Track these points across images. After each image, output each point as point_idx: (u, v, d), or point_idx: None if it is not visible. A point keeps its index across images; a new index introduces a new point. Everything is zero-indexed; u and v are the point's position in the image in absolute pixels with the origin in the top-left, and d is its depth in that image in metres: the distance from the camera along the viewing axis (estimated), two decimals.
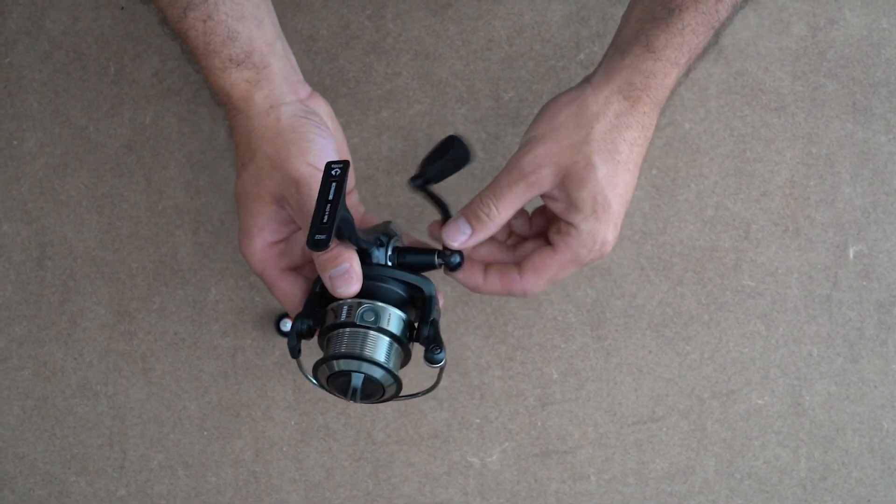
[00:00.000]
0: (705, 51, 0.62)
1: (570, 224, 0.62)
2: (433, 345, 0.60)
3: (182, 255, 0.86)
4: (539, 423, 0.86)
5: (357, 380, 0.59)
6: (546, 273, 0.64)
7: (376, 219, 0.67)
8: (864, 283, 0.86)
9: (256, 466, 0.86)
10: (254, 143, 0.63)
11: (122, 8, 0.85)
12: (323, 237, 0.55)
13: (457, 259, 0.64)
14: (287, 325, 0.84)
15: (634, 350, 0.86)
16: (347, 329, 0.60)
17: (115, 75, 0.85)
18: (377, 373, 0.60)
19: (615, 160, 0.61)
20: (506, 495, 0.86)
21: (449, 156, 0.67)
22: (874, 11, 0.86)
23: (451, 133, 0.67)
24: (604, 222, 0.61)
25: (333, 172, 0.58)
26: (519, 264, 0.65)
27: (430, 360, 0.60)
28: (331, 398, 0.86)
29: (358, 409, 0.86)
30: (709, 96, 0.85)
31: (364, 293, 0.60)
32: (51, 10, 0.85)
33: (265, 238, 0.63)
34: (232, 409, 0.86)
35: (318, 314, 0.62)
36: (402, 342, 0.61)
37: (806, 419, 0.87)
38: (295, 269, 0.65)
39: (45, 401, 0.86)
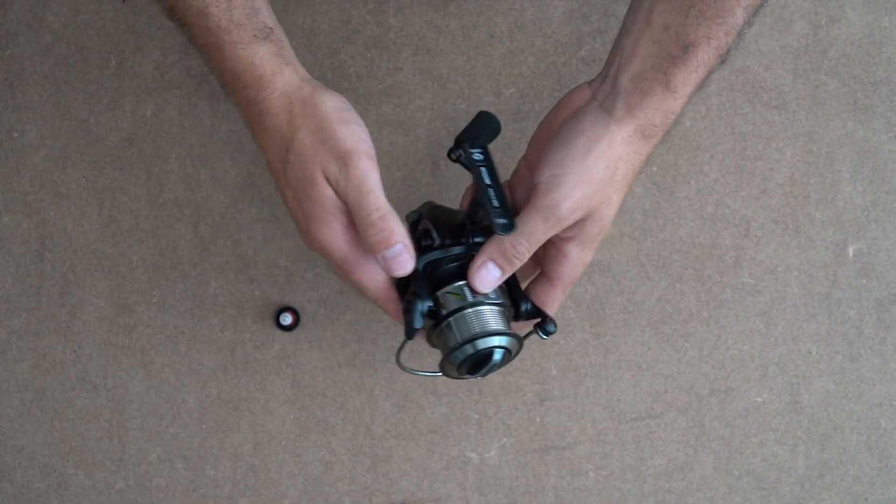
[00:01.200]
0: (705, 79, 0.63)
1: (560, 252, 0.64)
2: (548, 318, 0.64)
3: (182, 249, 0.86)
4: (538, 419, 0.86)
5: (498, 355, 0.62)
6: (555, 303, 0.66)
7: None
8: (864, 281, 0.87)
9: (255, 460, 0.86)
10: (296, 122, 0.60)
11: (124, 1, 0.85)
12: (505, 220, 0.59)
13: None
14: (287, 319, 0.84)
15: (633, 346, 0.86)
16: (481, 307, 0.61)
17: (116, 68, 0.85)
18: (510, 343, 0.62)
19: (622, 193, 0.63)
20: (504, 491, 0.87)
21: (480, 127, 0.67)
22: (876, 10, 0.86)
23: (481, 110, 0.68)
24: (595, 247, 0.65)
25: (476, 157, 0.60)
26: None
27: (546, 331, 0.64)
28: (329, 393, 0.86)
29: (357, 403, 0.86)
30: (709, 93, 0.85)
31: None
32: (52, 3, 0.85)
33: (342, 220, 0.60)
34: (231, 402, 0.86)
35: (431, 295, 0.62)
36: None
37: (804, 417, 0.87)
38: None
39: (44, 393, 0.86)
